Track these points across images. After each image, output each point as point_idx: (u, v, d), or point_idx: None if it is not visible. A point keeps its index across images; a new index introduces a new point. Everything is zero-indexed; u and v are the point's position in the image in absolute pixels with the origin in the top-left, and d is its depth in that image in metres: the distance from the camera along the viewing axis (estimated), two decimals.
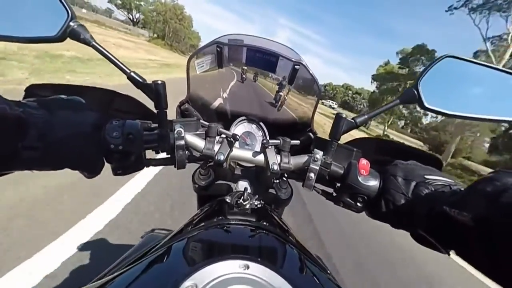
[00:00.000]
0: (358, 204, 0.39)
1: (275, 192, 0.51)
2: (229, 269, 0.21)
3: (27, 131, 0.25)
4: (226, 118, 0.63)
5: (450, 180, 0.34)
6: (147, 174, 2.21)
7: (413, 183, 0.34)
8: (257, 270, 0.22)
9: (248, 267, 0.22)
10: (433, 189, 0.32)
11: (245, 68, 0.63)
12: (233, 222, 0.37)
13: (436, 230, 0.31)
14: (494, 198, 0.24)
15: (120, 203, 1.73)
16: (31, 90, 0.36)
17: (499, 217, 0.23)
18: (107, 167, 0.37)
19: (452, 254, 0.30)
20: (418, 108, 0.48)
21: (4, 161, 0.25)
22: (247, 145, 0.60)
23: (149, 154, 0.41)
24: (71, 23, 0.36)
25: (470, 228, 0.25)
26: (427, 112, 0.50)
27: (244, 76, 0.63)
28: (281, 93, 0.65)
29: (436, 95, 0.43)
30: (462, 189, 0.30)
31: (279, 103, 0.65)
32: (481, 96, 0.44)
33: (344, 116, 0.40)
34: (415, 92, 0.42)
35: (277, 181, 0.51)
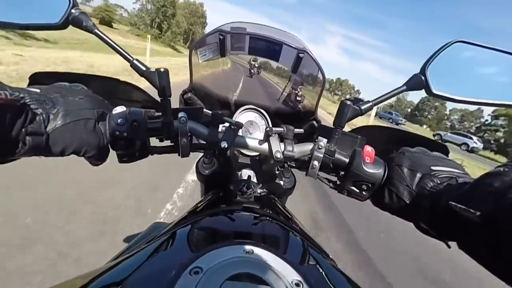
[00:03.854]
0: (363, 192, 0.39)
1: (278, 181, 0.51)
2: (234, 253, 0.22)
3: (31, 117, 0.26)
4: (229, 107, 0.62)
5: (457, 171, 0.33)
6: None
7: (418, 175, 0.33)
8: (261, 255, 0.22)
9: (252, 252, 0.22)
10: (438, 181, 0.32)
11: (253, 63, 0.62)
12: (237, 209, 0.38)
13: (439, 224, 0.31)
14: (501, 194, 0.23)
15: None
16: (34, 78, 0.36)
17: (506, 213, 0.22)
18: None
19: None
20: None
21: (10, 147, 0.25)
22: (250, 133, 0.60)
23: (153, 142, 0.41)
24: (73, 11, 0.36)
25: (475, 224, 0.24)
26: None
27: (252, 70, 0.63)
28: (297, 91, 0.64)
29: (444, 80, 0.42)
30: (469, 181, 0.29)
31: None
32: (492, 81, 0.43)
33: (349, 103, 0.39)
34: (422, 78, 0.41)
35: (281, 170, 0.51)
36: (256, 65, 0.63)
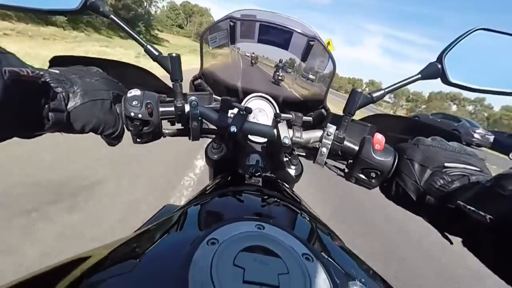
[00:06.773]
0: (372, 180, 0.39)
1: (286, 169, 0.51)
2: (247, 228, 0.23)
3: (52, 94, 0.27)
4: (237, 95, 0.63)
5: (472, 168, 0.31)
6: None
7: (429, 171, 0.32)
8: (272, 230, 0.23)
9: (263, 228, 0.23)
10: (449, 179, 0.30)
11: (254, 54, 0.62)
12: (248, 190, 0.39)
13: (445, 221, 0.30)
14: None
15: None
16: (54, 61, 0.38)
17: None
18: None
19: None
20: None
21: (36, 122, 0.27)
22: (258, 120, 0.60)
23: (165, 126, 0.42)
24: None
25: (483, 226, 0.24)
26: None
27: (253, 61, 0.63)
28: (279, 73, 0.64)
29: (462, 69, 0.41)
30: (482, 180, 0.28)
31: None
32: None
33: (359, 90, 0.38)
34: (439, 66, 0.40)
35: (288, 157, 0.51)
36: (254, 55, 0.64)
